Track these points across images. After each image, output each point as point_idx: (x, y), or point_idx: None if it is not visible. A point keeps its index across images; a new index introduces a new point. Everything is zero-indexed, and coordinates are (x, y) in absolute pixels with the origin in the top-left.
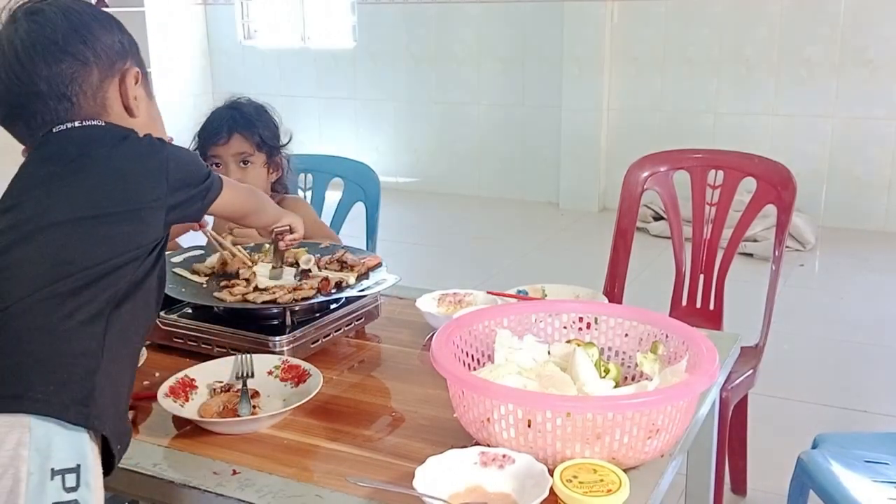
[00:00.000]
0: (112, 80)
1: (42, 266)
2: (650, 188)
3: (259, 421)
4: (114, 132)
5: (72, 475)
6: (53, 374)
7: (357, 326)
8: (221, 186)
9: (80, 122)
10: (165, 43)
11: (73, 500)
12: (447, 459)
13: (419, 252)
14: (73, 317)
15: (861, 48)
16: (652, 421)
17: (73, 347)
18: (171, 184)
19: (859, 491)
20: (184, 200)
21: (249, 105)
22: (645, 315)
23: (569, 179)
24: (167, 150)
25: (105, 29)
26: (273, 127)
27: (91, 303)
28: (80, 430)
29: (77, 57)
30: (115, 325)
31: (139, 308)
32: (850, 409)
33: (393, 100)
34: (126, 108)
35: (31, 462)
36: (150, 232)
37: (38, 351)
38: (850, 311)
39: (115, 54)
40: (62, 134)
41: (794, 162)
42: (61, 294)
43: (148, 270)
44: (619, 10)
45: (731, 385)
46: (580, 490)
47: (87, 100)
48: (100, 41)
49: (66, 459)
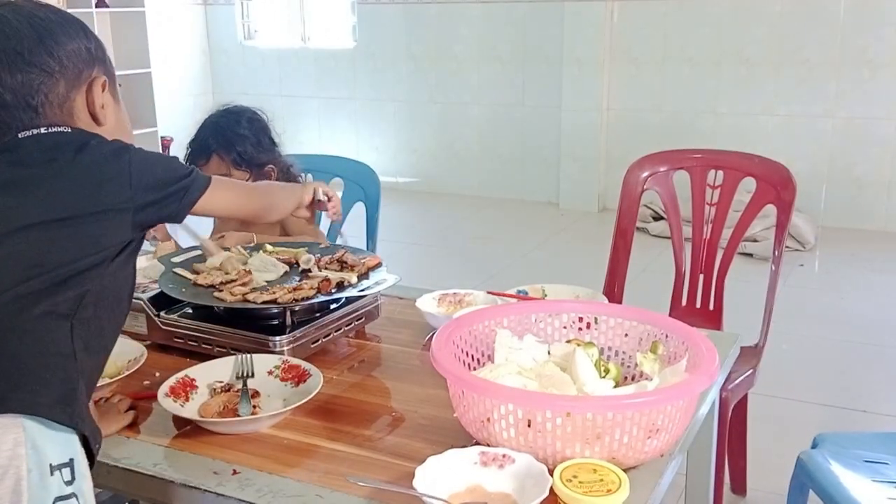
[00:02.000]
0: (79, 89)
1: (12, 267)
2: (650, 188)
3: (259, 421)
4: (78, 138)
5: (67, 469)
6: (34, 374)
7: (357, 326)
8: (206, 186)
9: (47, 129)
10: (165, 43)
11: (72, 493)
12: (447, 459)
13: (419, 252)
14: (43, 316)
15: (861, 48)
16: (652, 421)
17: (46, 347)
18: (136, 186)
19: (859, 491)
20: (154, 201)
21: (233, 116)
22: (645, 315)
23: (569, 179)
24: (130, 153)
25: (71, 36)
26: (257, 139)
27: (59, 303)
28: (67, 429)
29: (43, 68)
30: (83, 326)
31: (107, 311)
32: (850, 409)
33: (393, 100)
34: (93, 116)
35: (29, 460)
36: (116, 234)
37: (15, 351)
38: (850, 311)
39: (82, 63)
40: (28, 139)
41: (793, 162)
42: (31, 294)
43: (115, 272)
44: (619, 10)
45: (730, 385)
46: (580, 490)
47: (54, 109)
48: (66, 50)
49: (59, 455)
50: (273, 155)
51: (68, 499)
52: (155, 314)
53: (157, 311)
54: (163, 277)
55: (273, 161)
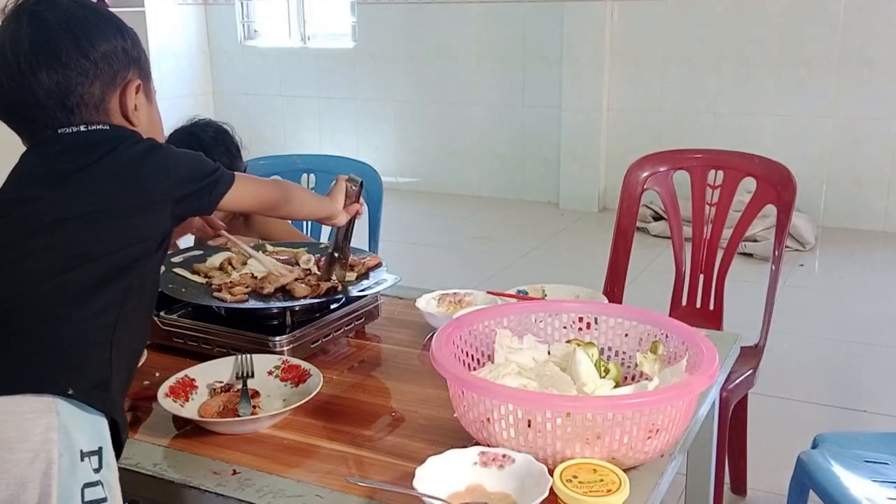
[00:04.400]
0: (113, 92)
1: (56, 257)
2: (650, 188)
3: (259, 421)
4: (117, 134)
5: (95, 457)
6: (71, 360)
7: (357, 326)
8: (232, 181)
9: (86, 127)
10: (165, 43)
11: (98, 481)
12: (447, 459)
13: (419, 252)
14: (87, 307)
15: (861, 48)
16: (652, 421)
17: (86, 337)
18: (174, 179)
19: (859, 491)
20: (189, 193)
21: (207, 131)
22: (645, 315)
23: (569, 179)
24: (166, 149)
25: (107, 37)
26: (228, 154)
27: (105, 295)
28: (99, 415)
29: (79, 71)
30: (124, 319)
31: (143, 305)
32: (850, 409)
33: (393, 100)
34: (126, 118)
35: (60, 444)
36: (158, 225)
37: (54, 338)
38: (850, 311)
39: (118, 64)
40: (68, 136)
41: (793, 162)
42: (75, 284)
43: (154, 265)
44: (619, 10)
45: (730, 385)
46: (580, 490)
47: (89, 110)
48: (101, 52)
49: (89, 442)
50: (242, 166)
51: (95, 486)
52: (155, 314)
53: (157, 311)
54: (163, 277)
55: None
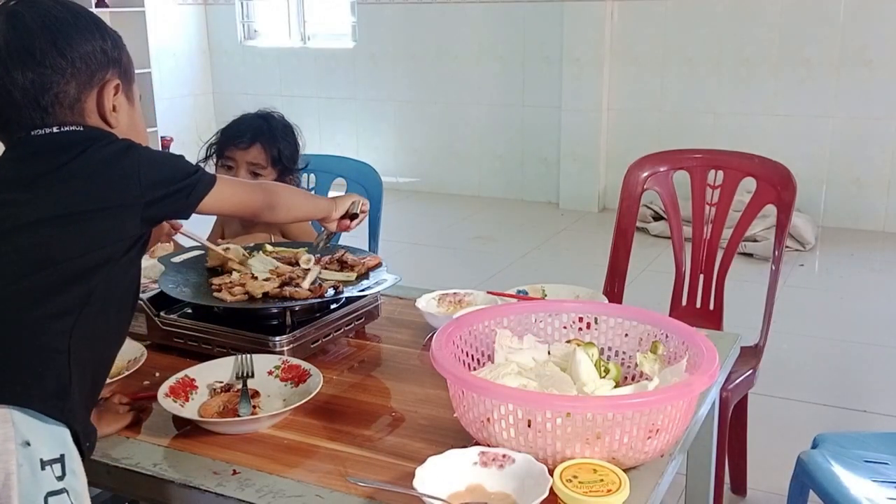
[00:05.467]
0: (90, 92)
1: (20, 261)
2: (650, 188)
3: (259, 421)
4: (88, 135)
5: (58, 465)
6: (28, 366)
7: (357, 326)
8: (212, 184)
9: (59, 128)
10: (165, 43)
11: (62, 489)
12: (447, 459)
13: (419, 252)
14: (42, 311)
15: (860, 48)
16: (652, 421)
17: (43, 342)
18: (145, 183)
19: (859, 491)
20: (163, 196)
21: (279, 120)
22: (645, 315)
23: (569, 179)
24: (139, 150)
25: (86, 37)
26: (294, 147)
27: (62, 299)
28: (58, 424)
29: (54, 69)
30: (83, 325)
31: (114, 308)
32: (850, 409)
33: (393, 100)
34: (103, 119)
35: (18, 454)
36: (125, 229)
37: (11, 343)
38: (850, 311)
39: (96, 64)
40: (40, 138)
41: (793, 162)
42: (35, 288)
43: (124, 270)
44: (619, 10)
45: (730, 385)
46: (580, 490)
47: (64, 109)
48: (79, 52)
49: (50, 450)
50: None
51: (59, 494)
52: (155, 314)
53: (157, 311)
54: (163, 277)
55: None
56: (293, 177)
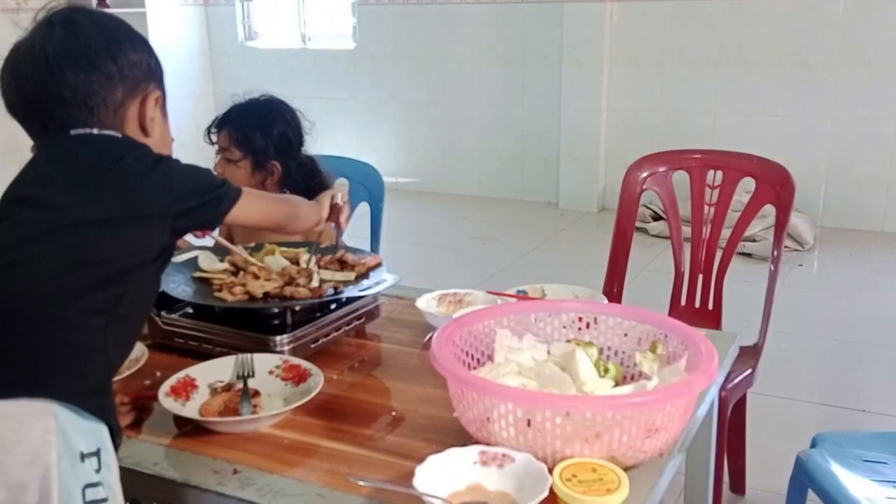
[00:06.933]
0: (134, 99)
1: (58, 260)
2: (649, 188)
3: (260, 420)
4: (127, 144)
5: (94, 458)
6: (69, 363)
7: (357, 326)
8: (237, 197)
9: (98, 130)
10: (165, 43)
11: (98, 482)
12: (447, 458)
13: (419, 252)
14: (80, 306)
15: (860, 49)
16: (651, 420)
17: (82, 340)
18: (176, 194)
19: (858, 490)
20: (192, 207)
21: (262, 105)
22: (644, 315)
23: (568, 179)
24: (171, 163)
25: (135, 48)
26: (276, 132)
27: (98, 297)
28: (96, 420)
29: (105, 72)
30: (116, 324)
31: (137, 312)
32: (849, 408)
33: (393, 100)
34: (142, 128)
35: (59, 447)
36: (156, 238)
37: (52, 340)
38: (849, 311)
39: (141, 75)
40: (79, 138)
41: (792, 162)
42: (73, 287)
43: (149, 277)
44: (619, 10)
45: (729, 384)
46: (579, 489)
47: (107, 113)
48: (129, 60)
49: (88, 444)
50: (287, 156)
51: (96, 486)
52: (155, 314)
53: (157, 311)
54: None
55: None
56: (273, 164)
